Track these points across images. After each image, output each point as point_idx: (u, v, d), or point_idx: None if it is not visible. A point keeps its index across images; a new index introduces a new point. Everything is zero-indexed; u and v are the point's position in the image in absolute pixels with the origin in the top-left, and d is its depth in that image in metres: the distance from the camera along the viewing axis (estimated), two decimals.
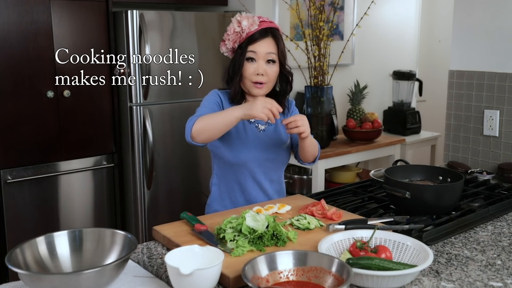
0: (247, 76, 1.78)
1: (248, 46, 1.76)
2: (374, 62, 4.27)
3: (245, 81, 1.79)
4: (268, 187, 1.90)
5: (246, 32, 1.76)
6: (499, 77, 2.42)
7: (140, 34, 3.01)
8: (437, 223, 1.63)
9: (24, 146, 2.85)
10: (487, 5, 2.46)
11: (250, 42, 1.76)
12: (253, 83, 1.78)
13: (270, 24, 1.80)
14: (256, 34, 1.76)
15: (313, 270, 1.21)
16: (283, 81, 1.86)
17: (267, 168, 1.88)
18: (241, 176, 1.86)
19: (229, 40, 1.79)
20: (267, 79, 1.78)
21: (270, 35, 1.78)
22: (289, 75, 1.86)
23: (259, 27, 1.76)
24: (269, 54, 1.77)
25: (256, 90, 1.79)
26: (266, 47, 1.76)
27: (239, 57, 1.78)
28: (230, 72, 1.82)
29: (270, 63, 1.78)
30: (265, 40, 1.77)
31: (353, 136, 3.46)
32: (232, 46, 1.81)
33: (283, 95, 1.88)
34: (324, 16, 3.10)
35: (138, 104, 3.08)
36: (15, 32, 2.75)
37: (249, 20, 1.76)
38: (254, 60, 1.77)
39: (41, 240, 1.28)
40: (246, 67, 1.77)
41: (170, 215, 3.07)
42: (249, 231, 1.41)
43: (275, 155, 1.87)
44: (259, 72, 1.76)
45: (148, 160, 3.14)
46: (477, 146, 2.53)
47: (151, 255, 1.45)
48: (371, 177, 2.16)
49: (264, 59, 1.77)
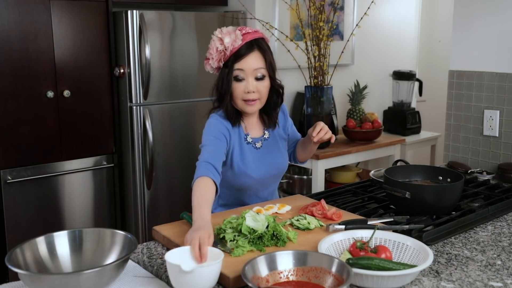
0: (237, 95, 1.69)
1: (234, 64, 1.66)
2: (374, 62, 4.27)
3: (236, 100, 1.71)
4: (267, 197, 1.91)
5: (230, 50, 1.65)
6: (499, 77, 2.42)
7: (140, 34, 3.01)
8: (437, 223, 1.63)
9: (24, 146, 2.85)
10: (487, 5, 2.46)
11: (236, 59, 1.66)
12: (244, 101, 1.70)
13: (255, 34, 1.69)
14: (242, 50, 1.65)
15: (313, 270, 1.21)
16: (274, 94, 1.77)
17: (271, 182, 1.88)
18: (244, 195, 1.84)
19: (213, 59, 1.68)
20: (259, 95, 1.70)
21: (256, 48, 1.67)
22: (279, 88, 1.77)
23: (243, 41, 1.65)
24: (257, 70, 1.67)
25: (249, 107, 1.71)
26: (253, 63, 1.66)
27: (226, 76, 1.68)
28: (220, 92, 1.72)
29: (259, 80, 1.69)
30: (251, 55, 1.66)
31: (353, 136, 3.46)
32: (217, 65, 1.70)
33: (274, 108, 1.81)
34: (324, 16, 3.10)
35: (138, 104, 3.08)
36: (15, 32, 2.75)
37: (231, 35, 1.65)
38: (243, 78, 1.67)
39: (41, 240, 1.28)
40: (235, 87, 1.68)
41: (170, 215, 3.07)
42: (249, 231, 1.41)
43: (277, 170, 1.85)
44: (249, 90, 1.67)
45: (148, 160, 3.14)
46: (477, 146, 2.53)
47: (151, 255, 1.45)
48: (371, 177, 2.16)
49: (253, 76, 1.67)
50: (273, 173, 1.84)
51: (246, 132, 1.79)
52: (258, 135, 1.82)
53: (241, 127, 1.78)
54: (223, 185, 1.74)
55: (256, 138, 1.81)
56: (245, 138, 1.78)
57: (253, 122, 1.81)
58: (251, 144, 1.79)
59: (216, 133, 1.70)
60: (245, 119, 1.79)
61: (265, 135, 1.83)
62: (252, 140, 1.79)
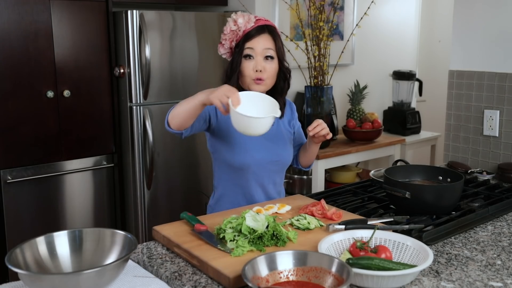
0: (246, 73, 1.76)
1: (245, 43, 1.75)
2: (374, 62, 4.27)
3: (244, 79, 1.78)
4: (272, 190, 1.90)
5: (243, 30, 1.75)
6: (499, 77, 2.42)
7: (140, 34, 3.01)
8: (437, 223, 1.63)
9: (24, 146, 2.85)
10: (487, 5, 2.46)
11: (247, 39, 1.75)
12: (253, 80, 1.76)
13: (266, 22, 1.80)
14: (253, 31, 1.75)
15: (313, 270, 1.21)
16: (281, 78, 1.83)
17: (271, 171, 1.87)
18: (244, 180, 1.84)
19: (226, 40, 1.79)
20: (267, 75, 1.76)
21: (266, 31, 1.77)
22: (287, 72, 1.84)
23: (255, 24, 1.76)
24: (266, 50, 1.76)
25: (256, 86, 1.77)
26: (263, 43, 1.75)
27: (237, 55, 1.77)
28: (228, 72, 1.80)
29: (268, 60, 1.76)
30: (262, 36, 1.76)
31: (353, 136, 3.46)
32: (229, 45, 1.80)
33: (280, 93, 1.86)
34: (324, 16, 3.10)
35: (138, 104, 3.08)
36: (15, 32, 2.75)
37: (244, 17, 1.76)
38: (252, 57, 1.75)
39: (41, 240, 1.28)
40: (244, 65, 1.76)
41: (170, 215, 3.07)
42: (249, 231, 1.41)
43: (279, 157, 1.86)
44: (257, 69, 1.75)
45: (148, 160, 3.14)
46: (477, 146, 2.53)
47: (151, 255, 1.45)
48: (371, 177, 2.16)
49: (262, 55, 1.75)
50: (274, 159, 1.84)
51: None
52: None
53: None
54: (222, 169, 1.82)
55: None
56: None
57: None
58: None
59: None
60: None
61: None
62: None
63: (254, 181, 1.85)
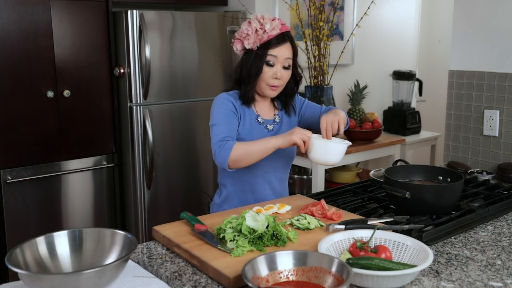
0: (264, 79, 1.79)
1: (269, 49, 1.77)
2: (374, 62, 4.27)
3: (260, 83, 1.81)
4: (277, 186, 1.93)
5: (268, 35, 1.75)
6: (499, 77, 2.42)
7: (140, 34, 3.01)
8: (437, 223, 1.63)
9: (24, 146, 2.85)
10: (487, 5, 2.46)
11: (271, 46, 1.77)
12: (269, 86, 1.80)
13: (285, 27, 1.81)
14: (278, 39, 1.77)
15: (313, 270, 1.21)
16: (292, 81, 1.88)
17: (277, 167, 1.90)
18: (251, 176, 1.86)
19: (249, 41, 1.77)
20: (282, 83, 1.82)
21: (287, 39, 1.80)
22: (298, 77, 1.89)
23: (280, 31, 1.77)
24: (287, 60, 1.80)
25: (270, 92, 1.82)
26: (285, 52, 1.79)
27: (258, 60, 1.77)
28: (244, 74, 1.81)
29: (286, 69, 1.81)
30: (285, 45, 1.79)
31: (353, 136, 3.45)
32: (252, 46, 1.78)
33: (290, 96, 1.91)
34: (324, 16, 3.10)
35: (138, 104, 3.08)
36: (15, 32, 2.75)
37: (272, 23, 1.76)
38: (273, 64, 1.78)
39: (41, 240, 1.28)
40: (265, 71, 1.79)
41: (170, 215, 3.07)
42: (249, 231, 1.41)
43: (284, 153, 1.89)
44: (277, 76, 1.79)
45: (148, 160, 3.14)
46: (477, 146, 2.53)
47: (151, 255, 1.45)
48: (371, 177, 2.16)
49: (282, 64, 1.79)
50: (280, 154, 1.87)
51: (257, 113, 1.87)
52: (269, 117, 1.90)
53: (251, 108, 1.86)
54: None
55: (267, 120, 1.88)
56: (256, 118, 1.86)
57: (265, 106, 1.90)
58: (262, 125, 1.87)
59: (226, 111, 1.79)
60: (256, 102, 1.88)
61: (275, 119, 1.90)
62: (263, 121, 1.87)
63: (262, 178, 1.88)
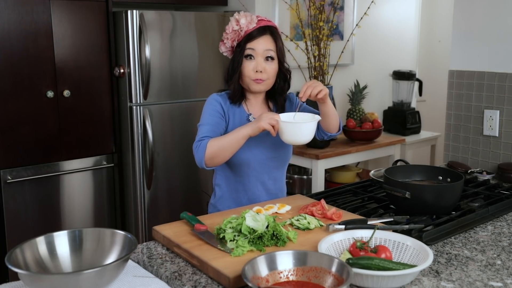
0: (246, 73, 1.79)
1: (247, 43, 1.78)
2: (374, 62, 4.27)
3: (244, 78, 1.80)
4: (272, 186, 1.92)
5: (245, 30, 1.77)
6: (499, 77, 2.42)
7: (140, 34, 3.01)
8: (437, 223, 1.63)
9: (24, 146, 2.85)
10: (486, 6, 2.46)
11: (249, 39, 1.78)
12: (253, 80, 1.79)
13: (268, 22, 1.82)
14: (255, 32, 1.77)
15: (313, 270, 1.21)
16: (281, 79, 1.86)
17: (271, 167, 1.89)
18: (245, 176, 1.86)
19: (228, 39, 1.81)
20: (267, 76, 1.79)
21: (268, 32, 1.79)
22: (287, 73, 1.87)
23: (257, 25, 1.78)
24: (267, 51, 1.78)
25: (256, 86, 1.80)
26: (264, 44, 1.78)
27: (238, 55, 1.79)
28: (229, 71, 1.83)
29: (268, 60, 1.79)
30: (263, 37, 1.78)
31: (353, 136, 3.46)
32: (231, 44, 1.82)
33: (281, 93, 1.89)
34: (324, 16, 3.10)
35: (138, 104, 3.08)
36: (15, 32, 2.75)
37: (247, 18, 1.77)
38: (253, 57, 1.78)
39: (41, 240, 1.28)
40: (245, 65, 1.78)
41: (170, 215, 3.07)
42: (249, 231, 1.41)
43: (278, 154, 1.88)
44: (258, 69, 1.77)
45: (148, 160, 3.14)
46: (477, 146, 2.53)
47: (151, 255, 1.45)
48: (371, 177, 2.16)
49: (263, 56, 1.78)
50: (273, 154, 1.86)
51: (249, 112, 1.86)
52: None
53: (241, 107, 1.86)
54: (222, 167, 1.85)
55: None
56: (247, 117, 1.85)
57: (257, 105, 1.88)
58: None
59: (212, 111, 1.80)
60: (248, 100, 1.87)
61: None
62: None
63: (254, 178, 1.87)
